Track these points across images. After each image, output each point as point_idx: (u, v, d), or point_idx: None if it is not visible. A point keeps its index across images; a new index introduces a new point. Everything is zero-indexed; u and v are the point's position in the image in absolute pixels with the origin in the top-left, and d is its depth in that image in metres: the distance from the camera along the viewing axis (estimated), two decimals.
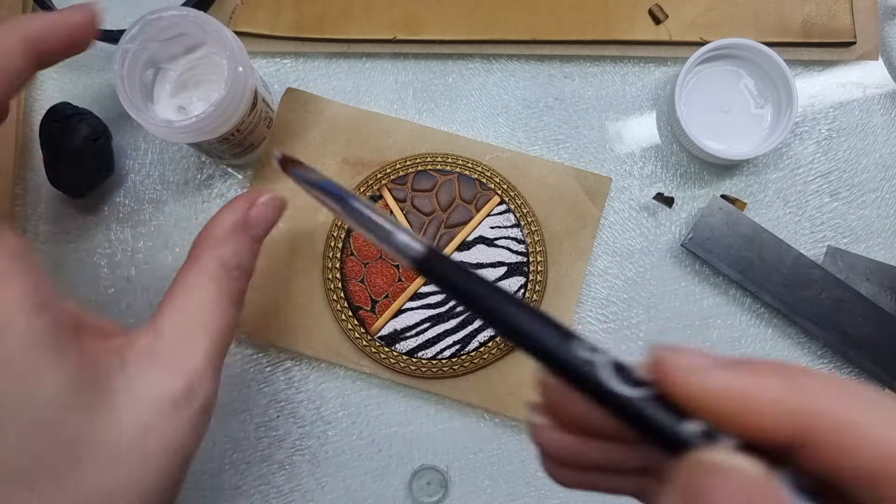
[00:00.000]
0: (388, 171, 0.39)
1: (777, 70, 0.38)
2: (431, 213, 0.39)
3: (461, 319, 0.38)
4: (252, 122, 0.36)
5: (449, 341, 0.38)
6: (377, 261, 0.38)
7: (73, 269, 0.40)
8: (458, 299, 0.19)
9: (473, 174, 0.39)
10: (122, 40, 0.33)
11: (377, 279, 0.38)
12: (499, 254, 0.38)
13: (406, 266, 0.23)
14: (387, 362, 0.38)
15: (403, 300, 0.38)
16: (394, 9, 0.40)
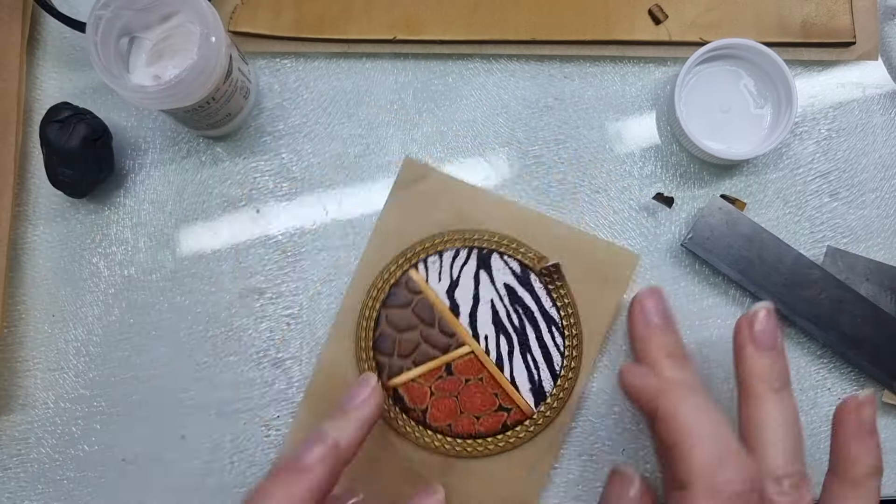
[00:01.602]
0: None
1: (777, 70, 0.38)
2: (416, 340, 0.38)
3: (528, 320, 0.38)
4: (227, 91, 0.36)
5: (548, 337, 0.38)
6: (459, 401, 0.37)
7: (74, 269, 0.40)
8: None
9: (383, 293, 0.38)
10: (94, 6, 0.33)
11: (477, 402, 0.37)
12: (466, 276, 0.38)
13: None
14: (562, 402, 0.37)
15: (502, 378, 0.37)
16: (394, 9, 0.40)
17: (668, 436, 0.28)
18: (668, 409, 0.29)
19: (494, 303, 0.38)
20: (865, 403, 0.32)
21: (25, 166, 0.41)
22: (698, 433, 0.28)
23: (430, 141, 0.41)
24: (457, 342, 0.37)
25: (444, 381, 0.37)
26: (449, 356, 0.37)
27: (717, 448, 0.27)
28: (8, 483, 0.39)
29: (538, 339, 0.38)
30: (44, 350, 0.40)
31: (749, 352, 0.32)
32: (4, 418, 0.39)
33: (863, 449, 0.31)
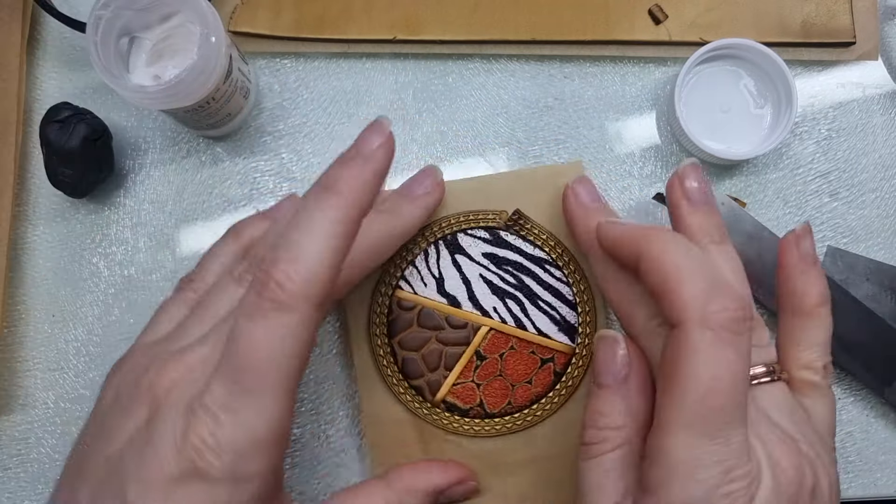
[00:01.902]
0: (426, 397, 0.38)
1: (777, 70, 0.38)
2: (440, 349, 0.37)
3: (523, 272, 0.37)
4: (227, 91, 0.36)
5: (547, 277, 0.37)
6: (505, 374, 0.37)
7: (74, 269, 0.40)
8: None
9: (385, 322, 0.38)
10: (94, 6, 0.33)
11: (522, 369, 0.37)
12: (445, 266, 0.37)
13: None
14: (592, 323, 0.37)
15: (531, 335, 0.37)
16: (394, 9, 0.40)
17: (654, 278, 0.28)
18: (651, 250, 0.28)
19: (484, 275, 0.37)
20: (803, 235, 0.33)
21: (25, 166, 0.41)
22: (686, 267, 0.27)
23: (430, 141, 0.41)
24: (472, 329, 0.37)
25: (481, 368, 0.37)
26: (473, 345, 0.37)
27: (705, 279, 0.27)
28: (8, 483, 0.39)
29: (540, 283, 0.37)
30: (44, 350, 0.40)
31: (685, 209, 0.32)
32: (4, 418, 0.39)
33: (809, 280, 0.32)
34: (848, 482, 0.39)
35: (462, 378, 0.37)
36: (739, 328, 0.26)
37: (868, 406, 0.39)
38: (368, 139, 0.27)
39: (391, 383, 0.37)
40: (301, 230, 0.25)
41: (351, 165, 0.27)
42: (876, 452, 0.39)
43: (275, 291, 0.24)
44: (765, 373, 0.29)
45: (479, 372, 0.37)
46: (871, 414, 0.39)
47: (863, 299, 0.38)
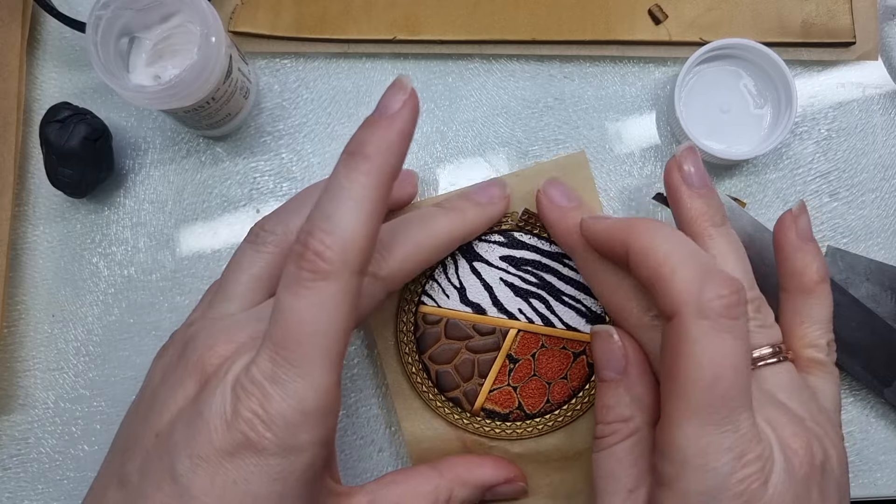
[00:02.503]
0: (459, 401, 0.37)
1: (777, 70, 0.38)
2: (472, 359, 0.37)
3: (543, 269, 0.37)
4: (227, 91, 0.36)
5: (567, 271, 0.37)
6: (539, 374, 0.37)
7: (74, 269, 0.40)
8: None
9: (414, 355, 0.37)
10: (94, 6, 0.33)
11: (554, 366, 0.37)
12: (464, 275, 0.37)
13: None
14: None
15: (560, 331, 0.37)
16: (394, 9, 0.40)
17: (644, 270, 0.27)
18: (639, 242, 0.28)
19: (504, 279, 0.37)
20: (800, 214, 0.33)
21: (25, 166, 0.41)
22: (677, 255, 0.27)
23: (430, 141, 0.41)
24: (501, 333, 0.37)
25: (515, 371, 0.37)
26: (503, 349, 0.37)
27: (697, 266, 0.26)
28: (8, 483, 0.39)
29: (560, 278, 0.37)
30: (44, 350, 0.40)
31: (685, 193, 0.32)
32: (4, 418, 0.39)
33: (807, 257, 0.32)
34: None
35: (498, 384, 0.37)
36: (736, 313, 0.26)
37: (868, 406, 0.39)
38: (391, 98, 0.27)
39: (427, 399, 0.37)
40: (333, 198, 0.25)
41: (376, 127, 0.26)
42: (876, 452, 0.39)
43: (313, 262, 0.25)
44: (771, 353, 0.29)
45: (513, 375, 0.37)
46: (871, 414, 0.39)
47: (863, 299, 0.38)
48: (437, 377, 0.37)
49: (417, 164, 0.41)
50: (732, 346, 0.25)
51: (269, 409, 0.25)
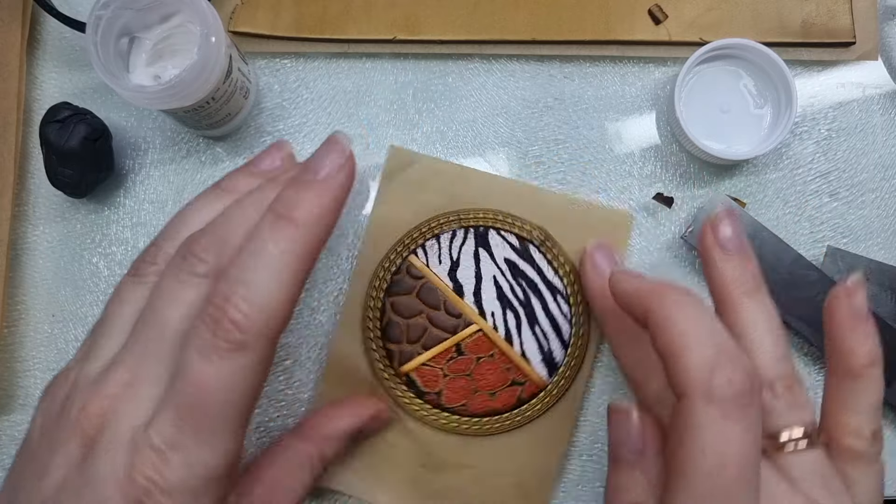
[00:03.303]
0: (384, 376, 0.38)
1: (777, 70, 0.38)
2: (424, 326, 0.37)
3: (534, 293, 0.37)
4: (227, 91, 0.36)
5: (555, 307, 0.37)
6: (472, 378, 0.37)
7: (74, 269, 0.40)
8: None
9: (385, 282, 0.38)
10: (94, 6, 0.33)
11: (491, 379, 0.37)
12: (466, 255, 0.38)
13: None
14: (574, 370, 0.37)
15: (512, 353, 0.37)
16: (394, 9, 0.40)
17: (661, 341, 0.26)
18: (660, 311, 0.26)
19: (497, 279, 0.38)
20: (856, 289, 0.30)
21: (25, 166, 0.41)
22: (694, 332, 0.25)
23: (430, 141, 0.41)
24: (464, 322, 0.37)
25: (455, 361, 0.37)
26: (458, 337, 0.37)
27: (712, 348, 0.25)
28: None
29: (544, 309, 0.38)
30: (44, 350, 0.40)
31: (717, 257, 0.30)
32: (4, 418, 0.39)
33: (858, 337, 0.29)
34: None
35: (434, 362, 0.37)
36: (746, 400, 0.24)
37: None
38: (326, 159, 0.26)
39: (367, 336, 0.38)
40: (255, 263, 0.24)
41: (308, 191, 0.25)
42: None
43: (230, 331, 0.23)
44: (801, 436, 0.27)
45: (451, 364, 0.37)
46: None
47: None
48: (388, 324, 0.37)
49: None
50: (740, 436, 0.24)
51: (168, 476, 0.23)
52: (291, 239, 0.25)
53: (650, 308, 0.27)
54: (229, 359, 0.24)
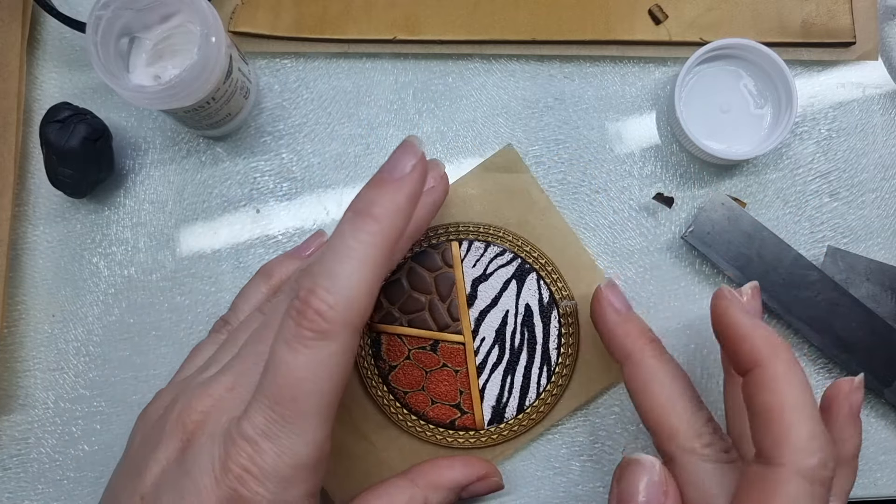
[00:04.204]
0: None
1: (777, 70, 0.38)
2: (424, 304, 0.38)
3: (526, 349, 0.38)
4: (227, 91, 0.36)
5: (535, 373, 0.38)
6: (427, 377, 0.38)
7: (74, 269, 0.40)
8: None
9: (420, 247, 0.38)
10: (94, 6, 0.34)
11: (441, 388, 0.38)
12: (498, 277, 0.38)
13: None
14: (514, 433, 0.38)
15: (475, 382, 0.38)
16: (394, 9, 0.40)
17: (763, 400, 0.26)
18: (772, 369, 0.26)
19: (508, 315, 0.38)
20: (857, 390, 0.31)
21: (25, 166, 0.41)
22: (802, 407, 0.25)
23: (430, 141, 0.41)
24: (456, 328, 0.38)
25: (424, 353, 0.38)
26: (442, 335, 0.38)
27: (815, 426, 0.25)
28: (8, 483, 0.39)
29: (526, 369, 0.38)
30: (44, 350, 0.40)
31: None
32: (4, 418, 0.39)
33: (852, 431, 0.31)
34: None
35: (407, 340, 0.38)
36: (829, 484, 0.25)
37: (868, 406, 0.39)
38: (401, 160, 0.27)
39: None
40: (338, 257, 0.25)
41: (386, 189, 0.26)
42: (876, 452, 0.39)
43: (315, 320, 0.24)
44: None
45: (420, 353, 0.38)
46: (871, 414, 0.39)
47: (863, 299, 0.38)
48: (395, 282, 0.38)
49: None
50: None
51: (261, 464, 0.24)
52: (370, 232, 0.26)
53: (760, 361, 0.27)
54: (315, 347, 0.24)
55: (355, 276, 0.25)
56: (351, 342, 0.25)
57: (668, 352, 0.32)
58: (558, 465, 0.39)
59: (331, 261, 0.25)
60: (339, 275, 0.25)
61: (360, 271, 0.25)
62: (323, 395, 0.25)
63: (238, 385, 0.27)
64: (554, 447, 0.39)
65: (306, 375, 0.24)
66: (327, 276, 0.25)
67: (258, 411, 0.25)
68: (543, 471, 0.39)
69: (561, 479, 0.39)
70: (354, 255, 0.25)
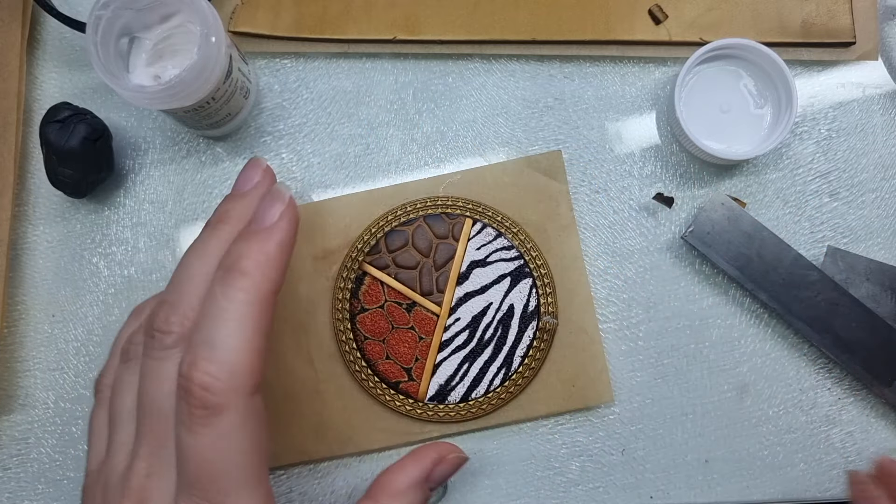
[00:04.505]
0: (358, 246, 0.39)
1: (777, 70, 0.38)
2: (417, 264, 0.38)
3: (493, 345, 0.38)
4: (227, 91, 0.36)
5: (493, 370, 0.38)
6: (392, 332, 0.38)
7: (74, 269, 0.40)
8: None
9: (436, 210, 0.39)
10: (94, 6, 0.34)
11: (400, 348, 0.38)
12: (496, 269, 0.38)
13: None
14: (448, 418, 0.38)
15: (434, 355, 0.38)
16: (394, 9, 0.40)
17: None
18: None
19: (490, 307, 0.38)
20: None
21: (25, 166, 0.41)
22: None
23: (430, 141, 0.41)
24: (437, 299, 0.38)
25: (398, 309, 0.38)
26: (422, 300, 0.38)
27: None
28: (8, 483, 0.39)
29: (485, 363, 0.38)
30: (44, 350, 0.40)
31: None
32: (4, 418, 0.39)
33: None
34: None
35: (388, 292, 0.38)
36: None
37: (868, 406, 0.39)
38: (269, 209, 0.26)
39: (377, 222, 0.39)
40: (212, 321, 0.24)
41: (253, 240, 0.26)
42: (876, 452, 0.39)
43: (202, 397, 0.23)
44: None
45: (395, 307, 0.38)
46: (871, 414, 0.39)
47: (863, 299, 0.38)
48: (396, 231, 0.39)
49: (418, 164, 0.41)
50: None
51: None
52: (243, 289, 0.25)
53: None
54: (211, 425, 0.24)
55: (233, 338, 0.24)
56: (249, 406, 0.24)
57: (667, 351, 0.32)
58: (558, 465, 0.39)
59: (206, 327, 0.24)
60: (217, 341, 0.24)
61: (238, 332, 0.24)
62: (240, 467, 0.24)
63: (153, 468, 0.26)
64: (554, 447, 0.39)
65: (214, 456, 0.24)
66: (205, 345, 0.24)
67: (185, 500, 0.24)
68: (543, 471, 0.39)
69: (561, 479, 0.39)
70: (229, 316, 0.24)
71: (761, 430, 0.39)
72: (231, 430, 0.24)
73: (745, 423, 0.39)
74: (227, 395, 0.24)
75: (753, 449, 0.39)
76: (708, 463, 0.39)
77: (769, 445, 0.39)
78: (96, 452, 0.29)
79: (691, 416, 0.39)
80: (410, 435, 0.38)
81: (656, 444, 0.39)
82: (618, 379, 0.39)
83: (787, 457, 0.39)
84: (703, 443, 0.39)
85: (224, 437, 0.24)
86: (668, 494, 0.39)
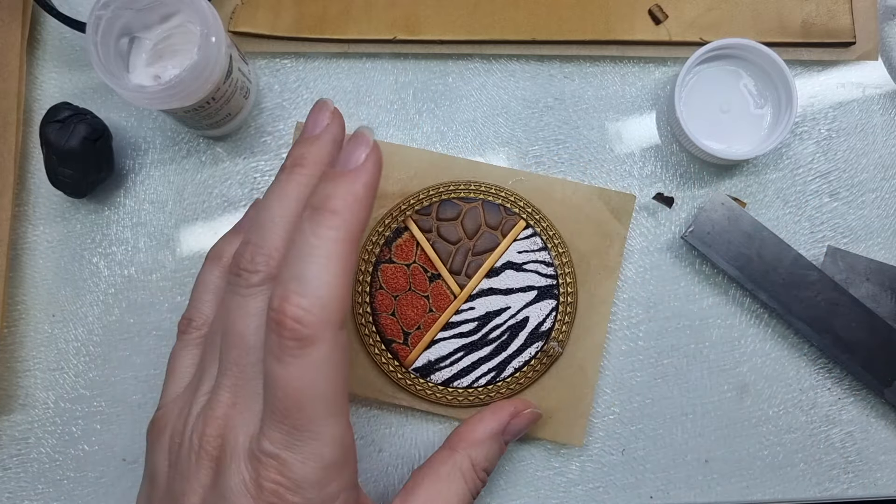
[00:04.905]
0: (411, 202, 0.39)
1: (777, 70, 0.38)
2: (458, 241, 0.38)
3: (495, 346, 0.38)
4: (227, 91, 0.36)
5: (484, 369, 0.38)
6: (407, 293, 0.38)
7: (74, 269, 0.40)
8: None
9: (497, 200, 0.39)
10: (94, 6, 0.34)
11: (408, 311, 0.38)
12: (528, 278, 0.38)
13: None
14: (423, 394, 0.38)
15: (436, 331, 0.38)
16: (394, 9, 0.40)
17: None
18: None
19: (507, 311, 0.38)
20: None
21: (25, 166, 0.41)
22: None
23: (430, 141, 0.41)
24: (461, 282, 0.38)
25: (422, 274, 0.38)
26: (448, 276, 0.38)
27: None
28: (8, 483, 0.39)
29: (479, 360, 0.38)
30: (44, 350, 0.40)
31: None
32: (4, 418, 0.39)
33: None
34: (848, 482, 0.39)
35: (419, 255, 0.38)
36: None
37: (868, 406, 0.39)
38: (354, 152, 0.27)
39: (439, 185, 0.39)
40: (302, 258, 0.25)
41: (342, 181, 0.26)
42: (876, 452, 0.39)
43: (294, 329, 0.24)
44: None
45: (419, 270, 0.38)
46: (871, 414, 0.39)
47: (863, 299, 0.38)
48: (447, 207, 0.39)
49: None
50: None
51: (290, 475, 0.25)
52: (332, 227, 0.25)
53: None
54: (302, 356, 0.24)
55: (324, 274, 0.25)
56: (337, 339, 0.25)
57: (667, 351, 0.32)
58: (558, 465, 0.39)
59: (296, 263, 0.25)
60: (308, 276, 0.25)
61: (327, 269, 0.25)
62: (327, 397, 0.25)
63: (238, 398, 0.27)
64: (553, 447, 0.39)
65: (303, 385, 0.25)
66: (296, 280, 0.25)
67: (272, 427, 0.25)
68: (543, 471, 0.39)
69: (561, 479, 0.39)
70: (319, 252, 0.25)
71: (761, 430, 0.39)
72: (320, 361, 0.25)
73: (745, 423, 0.39)
74: (318, 327, 0.24)
75: (753, 449, 0.39)
76: (708, 463, 0.39)
77: (769, 445, 0.39)
78: (174, 387, 0.31)
79: (691, 416, 0.39)
80: (380, 393, 0.38)
81: (656, 444, 0.39)
82: (618, 379, 0.39)
83: (787, 457, 0.39)
84: (703, 443, 0.39)
85: (313, 368, 0.25)
86: (668, 494, 0.39)
